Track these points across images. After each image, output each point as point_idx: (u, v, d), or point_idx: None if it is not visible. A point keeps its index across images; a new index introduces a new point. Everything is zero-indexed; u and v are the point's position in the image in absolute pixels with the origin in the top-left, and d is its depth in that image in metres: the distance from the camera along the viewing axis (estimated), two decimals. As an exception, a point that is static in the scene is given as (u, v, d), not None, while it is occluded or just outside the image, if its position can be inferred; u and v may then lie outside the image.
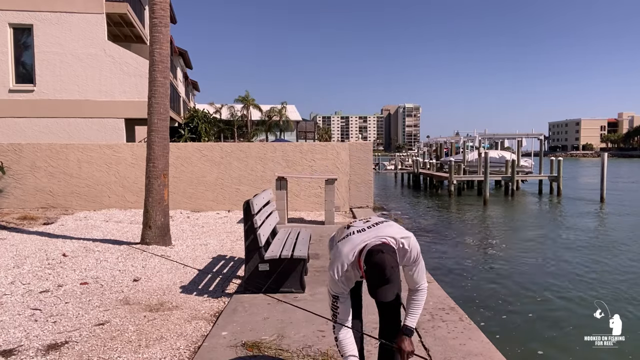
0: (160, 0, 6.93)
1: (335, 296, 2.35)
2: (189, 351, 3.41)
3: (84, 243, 7.20)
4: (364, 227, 2.35)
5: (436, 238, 13.19)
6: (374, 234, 2.28)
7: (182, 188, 11.31)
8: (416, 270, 2.39)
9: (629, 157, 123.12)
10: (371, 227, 2.34)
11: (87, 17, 14.45)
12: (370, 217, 2.52)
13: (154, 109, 6.98)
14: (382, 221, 2.43)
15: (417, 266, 2.38)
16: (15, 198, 11.10)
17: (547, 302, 7.61)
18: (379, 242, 2.22)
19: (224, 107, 54.11)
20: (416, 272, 2.39)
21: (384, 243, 2.23)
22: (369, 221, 2.43)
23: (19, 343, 3.53)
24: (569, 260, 10.64)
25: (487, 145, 39.83)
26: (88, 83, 14.58)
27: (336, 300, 2.34)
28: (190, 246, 7.14)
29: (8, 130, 14.21)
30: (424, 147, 53.25)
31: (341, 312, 2.34)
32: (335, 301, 2.35)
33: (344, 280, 2.30)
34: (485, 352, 3.28)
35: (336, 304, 2.34)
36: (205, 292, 4.91)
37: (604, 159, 23.52)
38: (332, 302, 2.37)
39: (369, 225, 2.37)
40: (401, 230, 2.37)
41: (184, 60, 31.90)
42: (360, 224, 2.41)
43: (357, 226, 2.38)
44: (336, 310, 2.35)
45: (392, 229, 2.35)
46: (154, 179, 6.97)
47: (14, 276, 5.36)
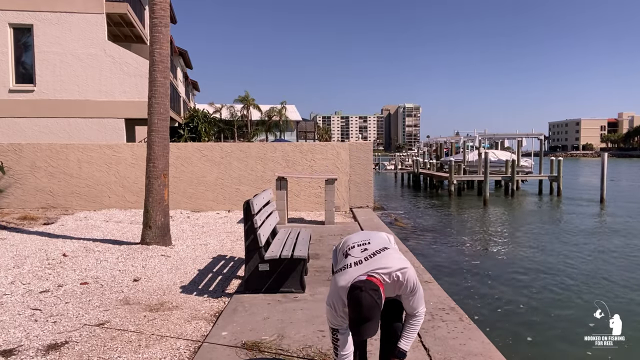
0: (160, 1, 6.93)
1: (334, 329, 2.32)
2: (189, 351, 3.41)
3: (84, 243, 7.20)
4: (361, 258, 2.30)
5: (436, 238, 13.18)
6: (369, 267, 2.24)
7: (182, 188, 11.31)
8: (413, 299, 2.36)
9: (628, 157, 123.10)
10: (368, 259, 2.28)
11: (87, 17, 14.44)
12: (369, 240, 2.44)
13: (154, 109, 6.98)
14: (380, 249, 2.35)
15: (415, 296, 2.35)
16: (15, 198, 11.11)
17: (547, 302, 7.61)
18: (362, 279, 2.19)
19: (224, 107, 54.11)
20: (413, 300, 2.37)
21: (368, 279, 2.18)
22: (366, 249, 2.35)
23: (19, 343, 3.53)
24: (569, 260, 10.64)
25: (487, 145, 39.81)
26: (88, 83, 14.58)
27: (336, 333, 2.32)
28: (190, 246, 7.14)
29: (8, 130, 14.21)
30: (424, 147, 53.23)
31: (341, 344, 2.32)
32: (335, 334, 2.32)
33: (342, 315, 2.27)
34: (485, 352, 3.28)
35: (336, 336, 2.32)
36: (205, 292, 4.91)
37: (604, 159, 23.52)
38: (332, 335, 2.34)
39: (367, 256, 2.31)
40: (399, 260, 2.31)
41: (184, 60, 31.91)
42: (358, 252, 2.35)
43: (355, 256, 2.32)
44: (336, 342, 2.33)
45: (389, 259, 2.29)
46: (154, 179, 6.97)
47: (14, 276, 5.36)
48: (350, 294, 2.13)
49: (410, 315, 2.45)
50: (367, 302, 2.08)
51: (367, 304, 2.07)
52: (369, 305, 2.07)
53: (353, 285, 2.16)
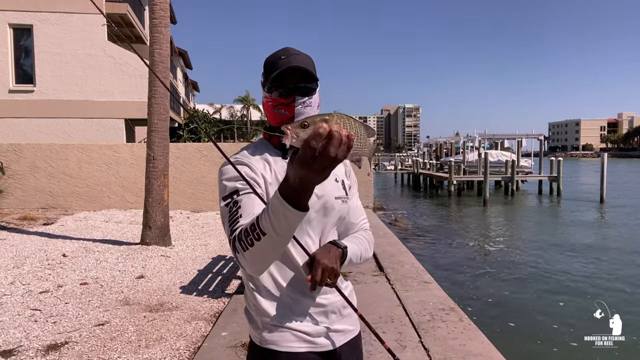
0: (160, 1, 6.93)
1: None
2: (189, 351, 3.41)
3: (83, 243, 7.19)
4: None
5: (436, 238, 13.17)
6: None
7: (182, 188, 11.31)
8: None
9: (628, 157, 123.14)
10: None
11: (87, 18, 14.43)
12: None
13: (154, 109, 6.98)
14: None
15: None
16: (15, 198, 11.09)
17: (547, 302, 7.61)
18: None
19: (224, 108, 54.12)
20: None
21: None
22: None
23: (18, 343, 3.52)
24: (569, 260, 10.64)
25: (487, 146, 39.82)
26: (88, 83, 14.57)
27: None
28: (190, 246, 7.14)
29: (8, 130, 14.20)
30: (423, 148, 53.27)
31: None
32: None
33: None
34: (485, 352, 3.28)
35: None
36: (205, 292, 4.91)
37: (604, 159, 23.53)
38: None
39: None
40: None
41: (184, 60, 31.88)
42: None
43: None
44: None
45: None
46: (154, 179, 6.97)
47: (14, 276, 5.36)
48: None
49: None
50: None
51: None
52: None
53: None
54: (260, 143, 1.43)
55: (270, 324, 1.32)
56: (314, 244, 1.34)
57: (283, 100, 1.35)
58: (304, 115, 1.34)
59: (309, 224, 1.33)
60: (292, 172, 0.97)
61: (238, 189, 1.27)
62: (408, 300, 4.36)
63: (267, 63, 1.39)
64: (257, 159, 1.35)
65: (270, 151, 1.38)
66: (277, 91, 1.35)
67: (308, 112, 1.35)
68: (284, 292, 1.32)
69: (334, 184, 1.42)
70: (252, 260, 1.12)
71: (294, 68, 1.33)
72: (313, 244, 1.34)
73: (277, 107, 1.36)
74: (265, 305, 1.32)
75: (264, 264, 1.17)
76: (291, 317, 1.32)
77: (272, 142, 1.41)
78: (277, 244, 1.08)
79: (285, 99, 1.35)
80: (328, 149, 0.92)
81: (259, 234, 1.07)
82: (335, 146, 0.92)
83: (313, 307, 1.34)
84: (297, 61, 1.34)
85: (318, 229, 1.36)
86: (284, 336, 1.31)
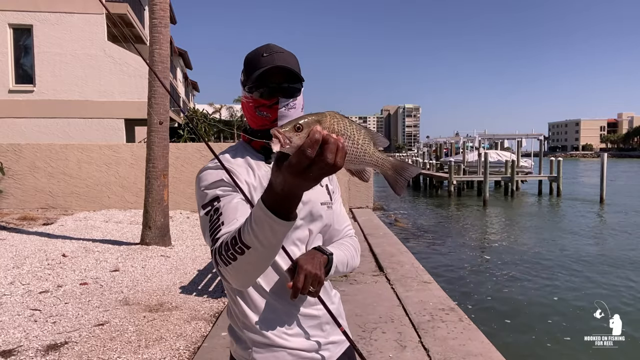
0: (160, 1, 6.93)
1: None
2: (189, 352, 3.41)
3: (83, 243, 7.19)
4: None
5: (436, 238, 13.18)
6: None
7: (182, 188, 11.30)
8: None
9: (628, 157, 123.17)
10: None
11: (87, 18, 14.43)
12: None
13: (154, 109, 6.98)
14: None
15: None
16: (15, 198, 11.09)
17: (547, 302, 7.61)
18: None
19: (224, 108, 54.16)
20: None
21: None
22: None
23: (18, 343, 3.52)
24: (569, 260, 10.64)
25: (487, 146, 39.86)
26: (88, 83, 14.57)
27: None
28: (190, 246, 7.14)
29: (8, 130, 14.20)
30: (423, 148, 53.30)
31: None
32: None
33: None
34: (485, 352, 3.28)
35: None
36: (205, 292, 4.91)
37: (604, 159, 23.54)
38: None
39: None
40: None
41: (184, 60, 31.89)
42: None
43: None
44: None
45: None
46: (154, 179, 6.96)
47: (14, 276, 5.36)
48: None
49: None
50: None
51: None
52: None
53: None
54: (240, 146, 1.33)
55: (261, 342, 1.22)
56: (300, 253, 1.26)
57: (265, 101, 1.25)
58: (287, 118, 1.24)
59: (294, 231, 1.24)
60: (278, 179, 0.85)
61: (218, 196, 1.17)
62: (408, 300, 4.36)
63: (248, 60, 1.29)
64: (240, 164, 1.26)
65: (251, 155, 1.29)
66: (259, 91, 1.25)
67: (292, 115, 1.25)
68: (274, 306, 1.23)
69: (319, 189, 1.32)
70: (236, 274, 1.02)
71: (277, 67, 1.23)
72: (299, 252, 1.26)
73: (258, 108, 1.26)
74: (254, 320, 1.22)
75: (250, 277, 1.06)
76: (284, 333, 1.22)
77: (252, 145, 1.31)
78: (263, 256, 0.98)
79: (268, 100, 1.25)
80: (326, 155, 0.80)
81: (241, 248, 0.96)
82: (333, 151, 0.80)
83: (306, 319, 1.26)
84: (281, 59, 1.24)
85: (303, 236, 1.28)
86: (277, 356, 1.21)
